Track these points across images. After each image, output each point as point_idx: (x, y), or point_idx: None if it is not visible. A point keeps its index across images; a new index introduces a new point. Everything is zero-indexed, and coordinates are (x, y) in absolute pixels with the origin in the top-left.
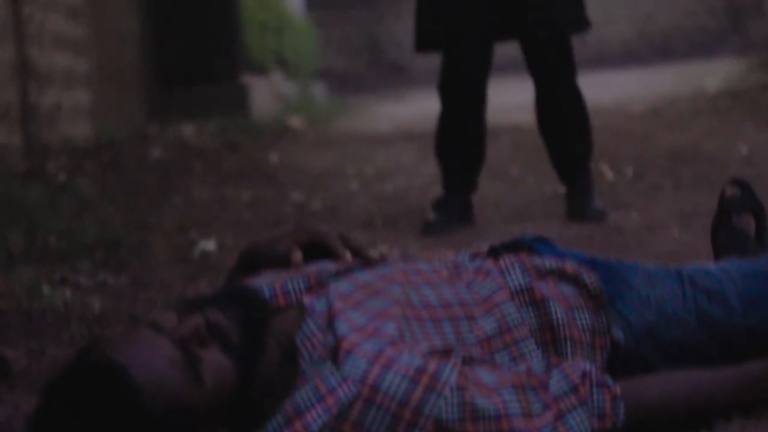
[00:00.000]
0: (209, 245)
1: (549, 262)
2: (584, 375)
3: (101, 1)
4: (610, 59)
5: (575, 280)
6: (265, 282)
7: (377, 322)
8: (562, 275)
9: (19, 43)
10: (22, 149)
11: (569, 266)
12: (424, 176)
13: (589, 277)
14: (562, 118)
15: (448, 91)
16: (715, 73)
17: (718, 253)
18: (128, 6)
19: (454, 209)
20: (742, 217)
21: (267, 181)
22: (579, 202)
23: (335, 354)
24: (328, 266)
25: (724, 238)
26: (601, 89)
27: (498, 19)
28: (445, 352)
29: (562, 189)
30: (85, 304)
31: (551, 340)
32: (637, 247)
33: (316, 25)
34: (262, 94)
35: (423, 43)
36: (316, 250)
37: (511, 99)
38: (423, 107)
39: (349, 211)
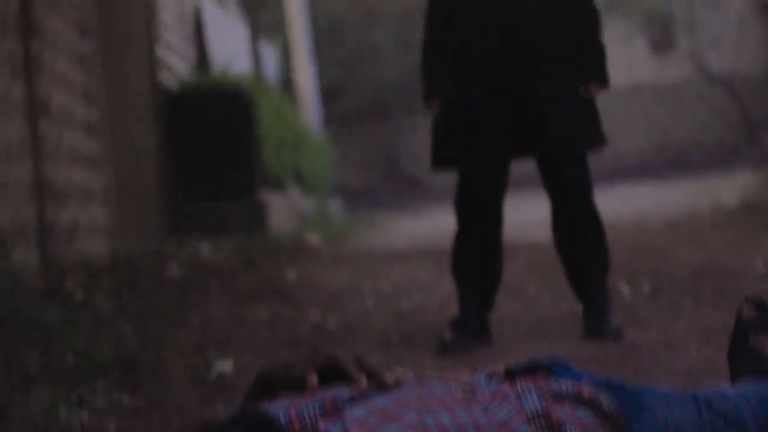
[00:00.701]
0: (226, 365)
1: (565, 385)
2: None
3: (118, 117)
4: (627, 173)
5: (592, 404)
6: (281, 407)
7: None
8: (578, 399)
9: (36, 160)
10: (39, 267)
11: (586, 390)
12: (441, 293)
13: (606, 401)
14: (579, 237)
15: (464, 209)
16: (732, 187)
17: (734, 375)
18: (145, 122)
19: (470, 328)
20: (759, 337)
21: (284, 300)
22: (595, 320)
23: None
24: (344, 391)
25: (741, 359)
26: (618, 203)
27: (514, 136)
28: None
29: (579, 306)
30: (101, 425)
31: None
32: (655, 366)
33: (333, 140)
34: (279, 210)
35: (439, 161)
36: (332, 373)
37: (528, 215)
38: (440, 222)
39: (366, 330)
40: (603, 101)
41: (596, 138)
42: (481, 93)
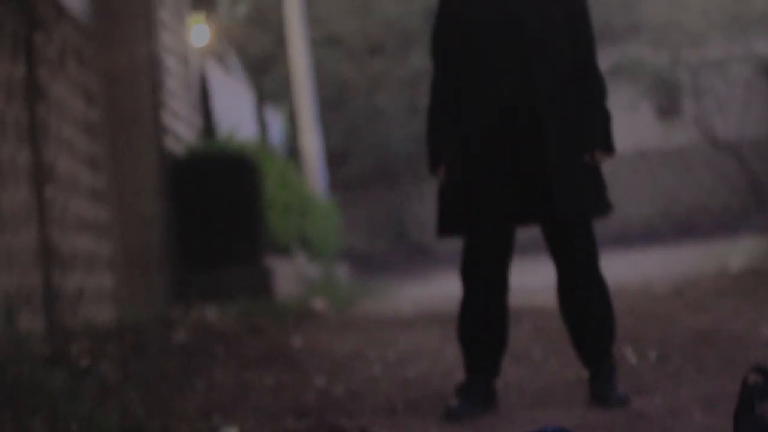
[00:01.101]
0: None
1: None
2: None
3: (124, 184)
4: (633, 238)
5: None
6: None
7: None
8: None
9: (42, 226)
10: (45, 333)
11: None
12: (447, 360)
13: None
14: (584, 304)
15: (469, 276)
16: (738, 252)
17: None
18: (151, 188)
19: (476, 395)
20: (765, 404)
21: (290, 366)
22: (602, 387)
23: None
24: None
25: (747, 425)
26: (624, 269)
27: (519, 204)
28: None
29: (585, 373)
30: None
31: None
32: None
33: (339, 205)
34: (285, 276)
35: (444, 228)
36: None
37: (533, 279)
38: (446, 288)
39: (371, 397)
40: (609, 167)
41: (602, 205)
42: (485, 160)
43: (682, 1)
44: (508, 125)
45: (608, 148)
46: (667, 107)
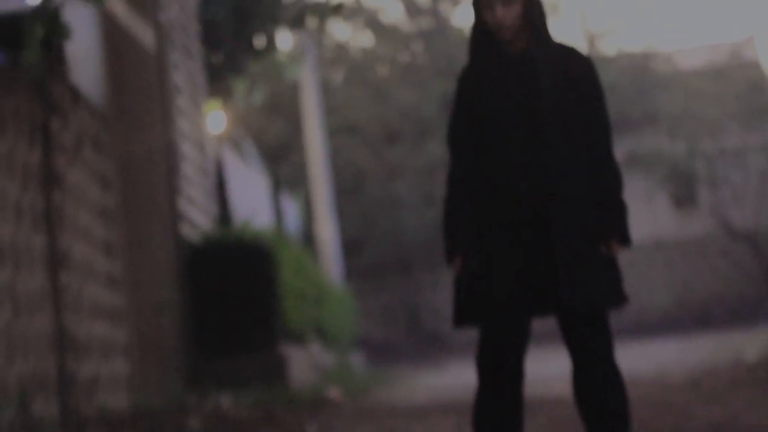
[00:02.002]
0: None
1: None
2: None
3: (140, 270)
4: (649, 328)
5: None
6: None
7: None
8: None
9: (57, 311)
10: (59, 420)
11: None
12: None
13: None
14: (599, 395)
15: (484, 366)
16: (754, 342)
17: None
18: (166, 275)
19: None
20: None
21: None
22: None
23: None
24: None
25: None
26: (639, 358)
27: (534, 295)
28: None
29: None
30: None
31: None
32: None
33: (354, 294)
34: (300, 364)
35: (461, 319)
36: None
37: (549, 368)
38: (461, 377)
39: None
40: (625, 256)
41: (617, 297)
42: (502, 251)
43: (699, 91)
44: (524, 213)
45: (624, 239)
46: (683, 197)
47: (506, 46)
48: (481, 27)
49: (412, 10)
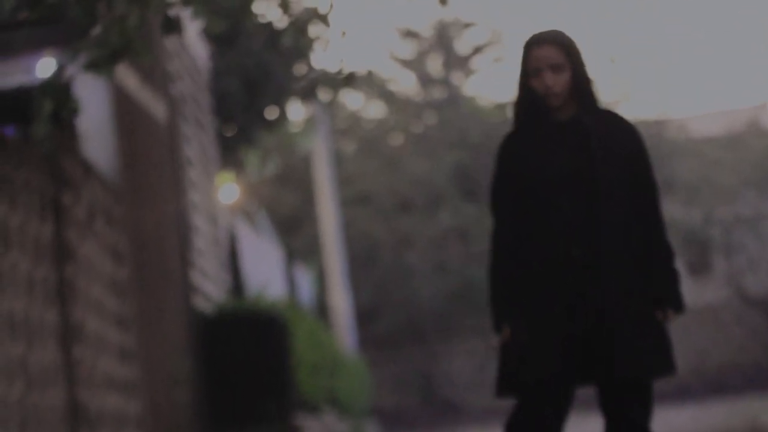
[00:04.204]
0: None
1: None
2: None
3: (152, 343)
4: (665, 395)
5: None
6: None
7: None
8: None
9: (70, 385)
10: None
11: None
12: None
13: None
14: None
15: None
16: None
17: None
18: (180, 348)
19: None
20: None
21: None
22: None
23: None
24: None
25: None
26: (656, 426)
27: (583, 363)
28: None
29: None
30: None
31: None
32: None
33: (368, 363)
34: None
35: (505, 387)
36: None
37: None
38: None
39: None
40: None
41: (668, 366)
42: (548, 320)
43: (714, 159)
44: (570, 281)
45: (678, 306)
46: (698, 264)
47: (555, 112)
48: (528, 94)
49: (425, 80)
